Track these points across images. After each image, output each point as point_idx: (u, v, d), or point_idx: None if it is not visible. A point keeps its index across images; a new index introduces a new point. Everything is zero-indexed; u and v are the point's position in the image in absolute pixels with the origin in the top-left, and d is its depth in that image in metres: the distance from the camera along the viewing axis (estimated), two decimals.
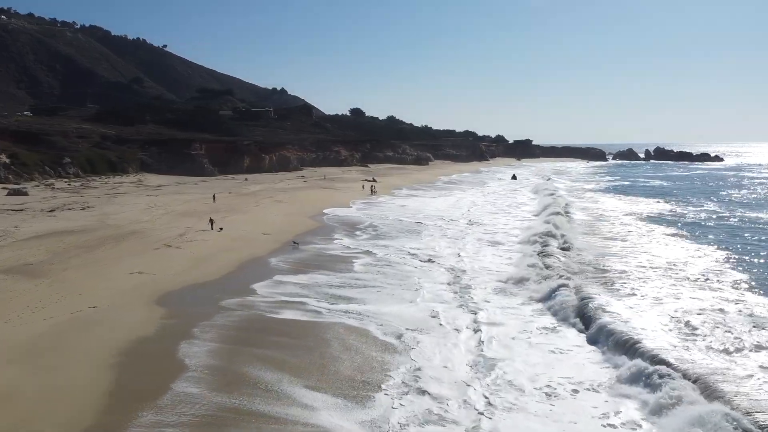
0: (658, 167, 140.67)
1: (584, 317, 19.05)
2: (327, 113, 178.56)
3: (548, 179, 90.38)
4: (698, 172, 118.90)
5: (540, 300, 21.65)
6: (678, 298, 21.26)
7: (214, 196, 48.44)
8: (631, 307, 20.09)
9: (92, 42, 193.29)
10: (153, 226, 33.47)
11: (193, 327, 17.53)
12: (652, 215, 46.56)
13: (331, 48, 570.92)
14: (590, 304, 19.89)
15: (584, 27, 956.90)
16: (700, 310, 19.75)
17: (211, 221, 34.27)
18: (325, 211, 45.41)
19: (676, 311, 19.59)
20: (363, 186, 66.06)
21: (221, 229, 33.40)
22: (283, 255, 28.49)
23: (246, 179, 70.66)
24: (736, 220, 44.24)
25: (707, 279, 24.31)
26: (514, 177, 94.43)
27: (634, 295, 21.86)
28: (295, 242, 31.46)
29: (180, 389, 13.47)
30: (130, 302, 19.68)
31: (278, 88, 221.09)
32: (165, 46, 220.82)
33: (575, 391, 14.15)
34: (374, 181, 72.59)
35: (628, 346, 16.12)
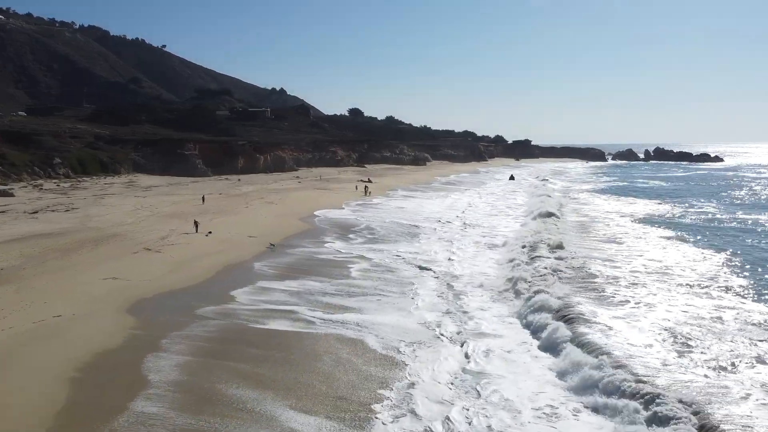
0: (657, 167, 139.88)
1: (569, 328, 17.88)
2: (326, 113, 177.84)
3: (545, 180, 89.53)
4: (698, 172, 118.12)
5: (523, 309, 20.51)
6: (673, 305, 20.37)
7: (203, 198, 47.53)
8: (621, 317, 19.15)
9: (91, 42, 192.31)
10: (135, 229, 32.52)
11: (163, 338, 16.60)
12: (649, 217, 45.68)
13: (331, 48, 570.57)
14: (575, 315, 18.87)
15: (584, 27, 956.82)
16: (697, 319, 18.86)
17: (196, 223, 33.28)
18: (316, 213, 44.44)
19: (669, 321, 18.69)
20: (356, 187, 64.95)
21: (210, 232, 32.42)
22: (269, 259, 27.60)
23: (239, 180, 69.78)
24: (735, 222, 43.33)
25: (707, 285, 23.40)
26: (512, 177, 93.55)
27: (627, 302, 20.94)
28: (271, 244, 30.59)
29: (138, 409, 12.54)
30: (100, 310, 18.76)
31: (277, 89, 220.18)
32: (164, 46, 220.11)
33: (577, 411, 13.29)
34: (369, 181, 71.56)
35: (610, 360, 15.06)
